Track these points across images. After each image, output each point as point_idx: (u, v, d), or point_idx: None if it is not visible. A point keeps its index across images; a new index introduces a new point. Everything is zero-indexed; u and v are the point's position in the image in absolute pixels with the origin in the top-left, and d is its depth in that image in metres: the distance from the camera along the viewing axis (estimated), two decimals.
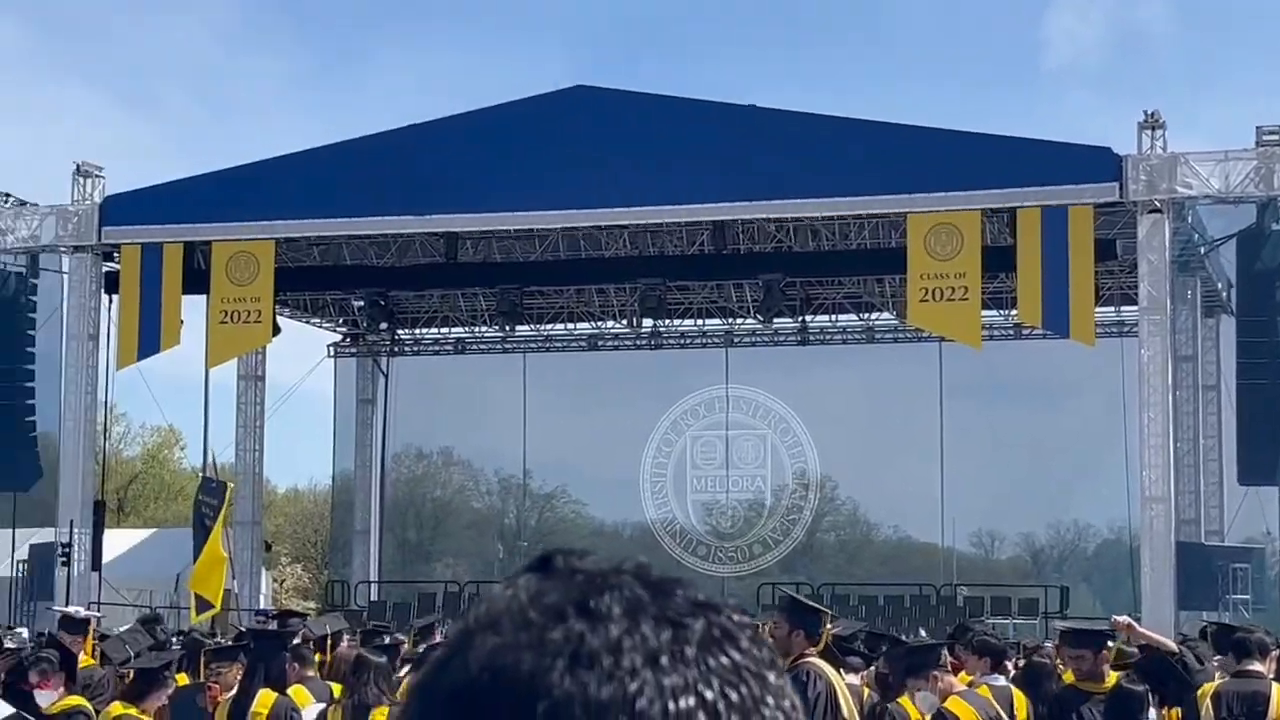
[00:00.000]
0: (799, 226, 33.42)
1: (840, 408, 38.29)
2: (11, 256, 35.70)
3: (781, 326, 38.31)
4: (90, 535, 33.74)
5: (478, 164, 31.93)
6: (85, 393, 34.50)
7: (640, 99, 32.45)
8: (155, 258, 33.52)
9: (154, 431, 66.29)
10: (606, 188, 31.24)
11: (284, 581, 56.49)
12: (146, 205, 33.98)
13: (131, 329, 33.71)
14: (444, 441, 42.78)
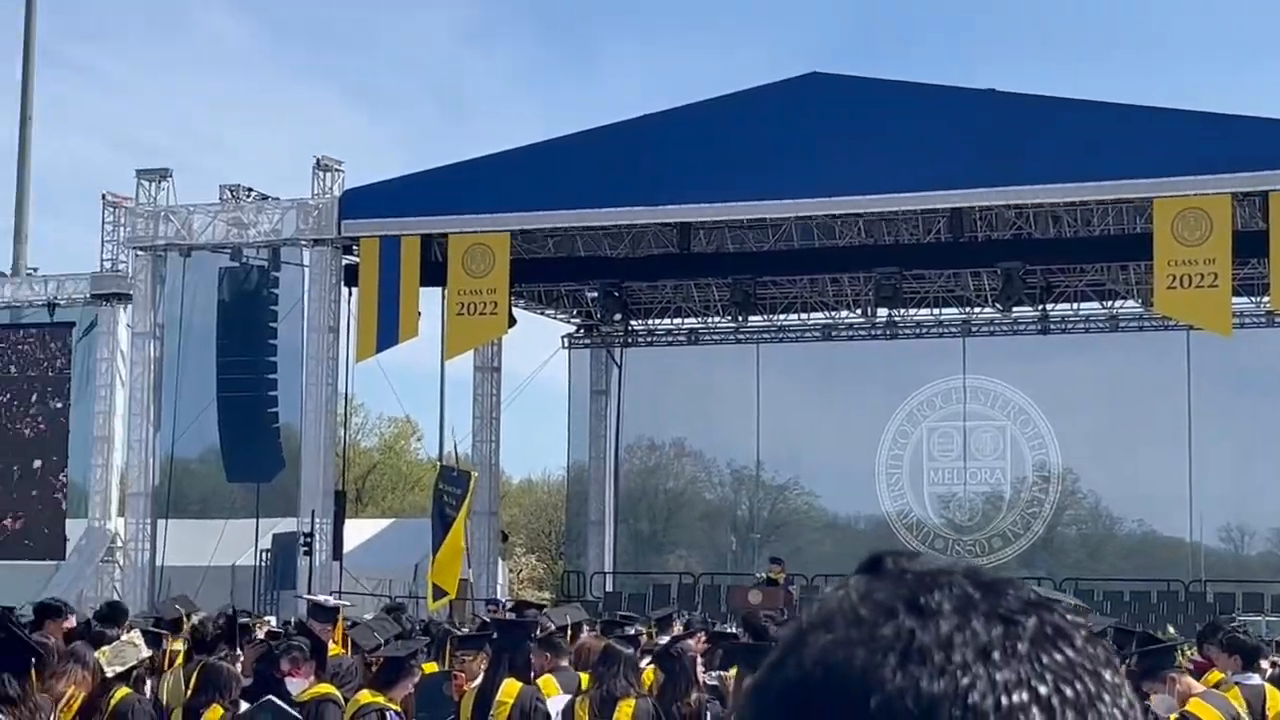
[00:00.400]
0: (1039, 212, 32.88)
1: (1082, 398, 37.60)
2: (254, 250, 36.70)
3: (1021, 315, 37.73)
4: (331, 525, 34.54)
5: (711, 154, 31.99)
6: (326, 384, 35.34)
7: (875, 85, 32.21)
8: (393, 251, 34.16)
9: (391, 422, 67.72)
10: (841, 175, 31.08)
11: (520, 572, 57.24)
12: (384, 199, 34.65)
13: (370, 321, 34.39)
14: (676, 433, 42.92)
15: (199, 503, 40.55)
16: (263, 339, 36.47)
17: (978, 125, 30.45)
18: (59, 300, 40.26)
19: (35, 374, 40.48)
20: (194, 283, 37.16)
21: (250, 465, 36.55)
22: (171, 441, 37.00)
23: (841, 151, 30.93)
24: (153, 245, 36.80)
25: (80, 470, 40.36)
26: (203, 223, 36.48)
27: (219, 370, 36.49)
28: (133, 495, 36.91)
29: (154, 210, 36.83)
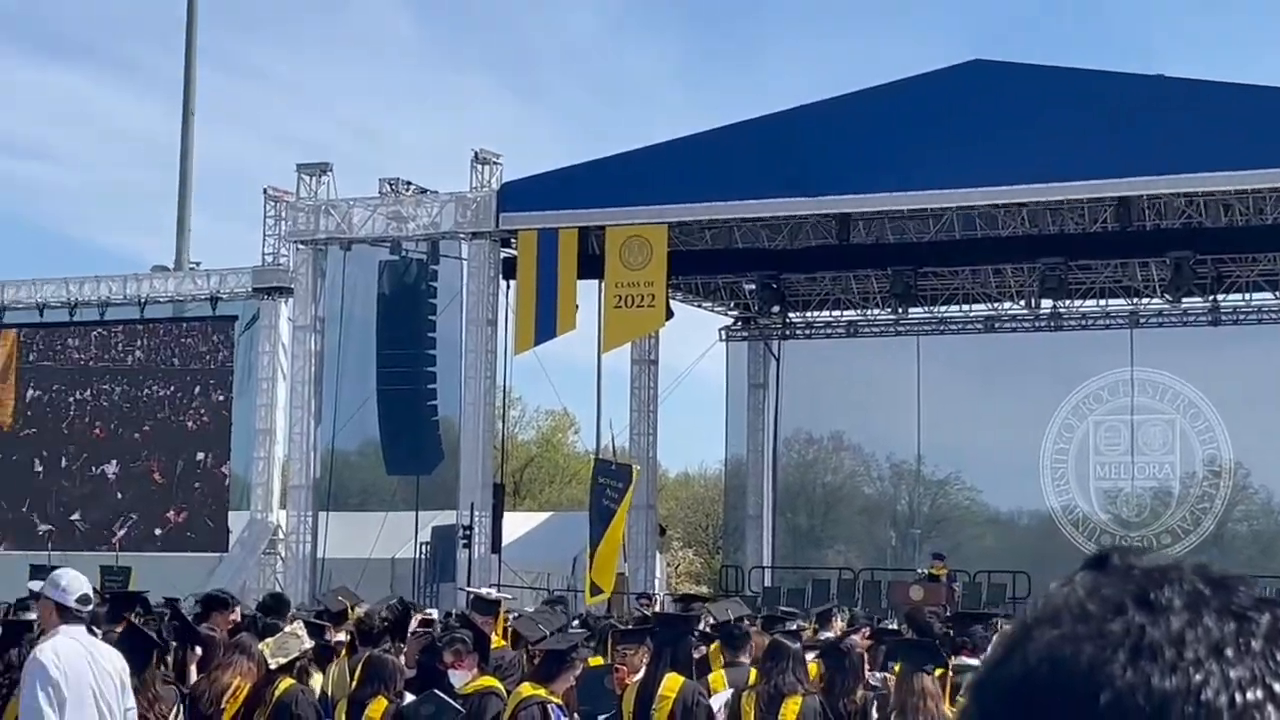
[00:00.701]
0: (1210, 201, 32.25)
1: (1255, 391, 36.80)
2: (414, 244, 37.08)
3: (1191, 306, 37.04)
4: (490, 518, 34.82)
5: (870, 143, 31.78)
6: (484, 377, 35.63)
7: (1039, 72, 31.78)
8: (551, 243, 34.33)
9: (548, 415, 68.07)
10: (1004, 164, 30.72)
11: (677, 566, 57.29)
12: (542, 191, 34.83)
13: (528, 314, 34.60)
14: (835, 426, 42.67)
15: (359, 495, 41.08)
16: (422, 332, 36.82)
17: (1146, 112, 29.94)
18: (221, 294, 40.98)
19: (198, 367, 41.26)
20: (354, 276, 37.65)
21: (410, 458, 36.94)
22: (332, 434, 37.52)
23: (1005, 140, 30.57)
24: (313, 239, 37.32)
25: (242, 463, 41.06)
26: (362, 216, 36.92)
27: (379, 363, 36.92)
28: (294, 488, 37.48)
29: (314, 204, 37.34)
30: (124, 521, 41.41)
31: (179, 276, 43.53)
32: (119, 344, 42.20)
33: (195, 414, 41.17)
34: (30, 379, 42.99)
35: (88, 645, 8.72)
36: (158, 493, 41.26)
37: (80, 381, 42.48)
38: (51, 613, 8.74)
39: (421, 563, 36.96)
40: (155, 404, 41.58)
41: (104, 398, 42.19)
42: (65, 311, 42.49)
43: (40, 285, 42.78)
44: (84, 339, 42.60)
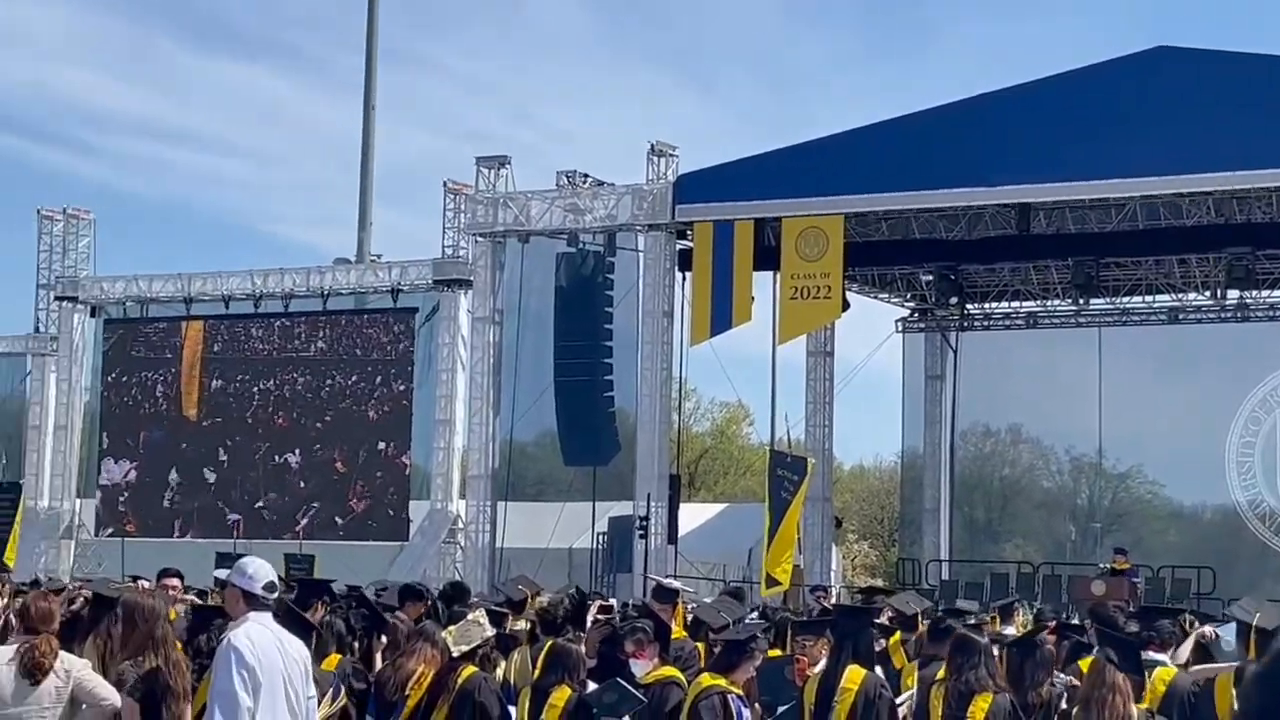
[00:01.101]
0: None
1: None
2: (590, 236, 37.24)
3: None
4: (666, 509, 34.87)
5: (1051, 132, 31.31)
6: (660, 369, 35.70)
7: (1226, 58, 31.07)
8: (726, 235, 34.29)
9: (722, 407, 68.05)
10: (1189, 152, 30.11)
11: (853, 559, 57.02)
12: (717, 183, 34.79)
13: (704, 306, 34.58)
14: (1013, 418, 42.17)
15: (536, 485, 41.37)
16: (598, 324, 36.96)
17: None
18: (402, 286, 41.51)
19: (379, 358, 41.84)
20: (532, 268, 37.90)
21: (587, 449, 37.11)
22: (510, 425, 37.83)
23: (1190, 127, 29.96)
24: (492, 232, 37.64)
25: (423, 453, 41.57)
26: (540, 209, 37.16)
27: (556, 355, 37.14)
28: (473, 478, 37.85)
29: (493, 197, 37.65)
30: (306, 510, 42.13)
31: (361, 269, 44.17)
32: (302, 335, 42.93)
33: (376, 404, 41.75)
34: (215, 369, 43.88)
35: (277, 632, 8.85)
36: (340, 482, 41.91)
37: (264, 372, 43.27)
38: (238, 600, 8.87)
39: (599, 553, 37.12)
40: (337, 394, 42.23)
41: (287, 388, 42.95)
42: (250, 303, 43.31)
43: (226, 278, 43.66)
44: (267, 330, 43.40)
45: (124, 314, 45.64)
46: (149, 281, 44.76)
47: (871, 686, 10.02)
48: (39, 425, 46.27)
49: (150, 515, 44.22)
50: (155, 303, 44.68)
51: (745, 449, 67.91)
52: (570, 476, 39.51)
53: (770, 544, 31.00)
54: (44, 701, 9.05)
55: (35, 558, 43.06)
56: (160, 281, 44.58)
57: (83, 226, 46.93)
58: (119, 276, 45.62)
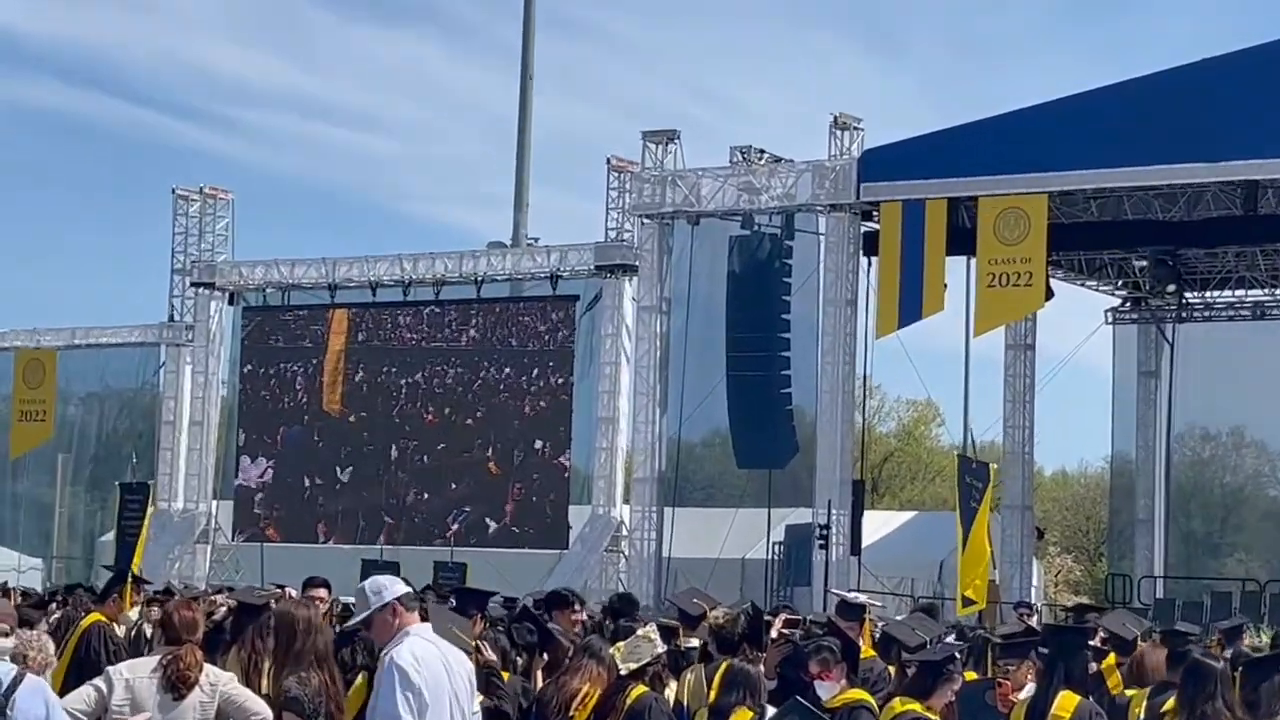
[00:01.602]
0: None
1: None
2: (767, 217, 37.16)
3: None
4: (849, 516, 34.75)
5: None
6: (843, 363, 35.56)
7: None
8: (916, 216, 34.06)
9: (910, 406, 67.62)
10: None
11: (1055, 574, 56.42)
12: (906, 159, 34.59)
13: (891, 294, 34.39)
14: (1235, 420, 41.58)
15: (706, 490, 41.42)
16: (775, 313, 36.88)
17: None
18: (562, 272, 41.75)
19: (536, 349, 42.12)
20: (702, 252, 37.92)
21: (761, 450, 37.06)
22: (678, 423, 37.88)
23: None
24: (659, 213, 37.71)
25: (583, 453, 41.78)
26: (712, 188, 37.18)
27: (728, 347, 37.12)
28: (638, 480, 37.97)
29: (661, 175, 37.73)
30: (456, 515, 42.50)
31: (517, 253, 44.52)
32: (453, 324, 43.34)
33: (533, 399, 42.02)
34: (358, 361, 44.40)
35: (441, 647, 8.88)
36: (492, 484, 42.23)
37: (411, 364, 43.70)
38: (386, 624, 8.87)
39: (774, 564, 37.08)
40: (490, 388, 42.57)
41: (436, 381, 43.38)
42: (398, 290, 43.80)
43: (373, 263, 44.19)
44: (416, 319, 43.87)
45: (264, 301, 46.39)
46: (291, 266, 45.45)
47: (1086, 715, 9.89)
48: (173, 421, 47.12)
49: (289, 518, 44.90)
50: (297, 289, 45.36)
51: (934, 452, 67.44)
52: (743, 480, 39.45)
53: (962, 559, 30.71)
54: (189, 716, 9.19)
55: (168, 564, 43.95)
56: (303, 267, 45.25)
57: (220, 207, 47.73)
58: (259, 261, 46.38)
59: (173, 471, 46.73)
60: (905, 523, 43.30)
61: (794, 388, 36.93)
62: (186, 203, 47.74)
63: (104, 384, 51.31)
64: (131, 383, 50.51)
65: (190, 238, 47.56)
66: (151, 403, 49.77)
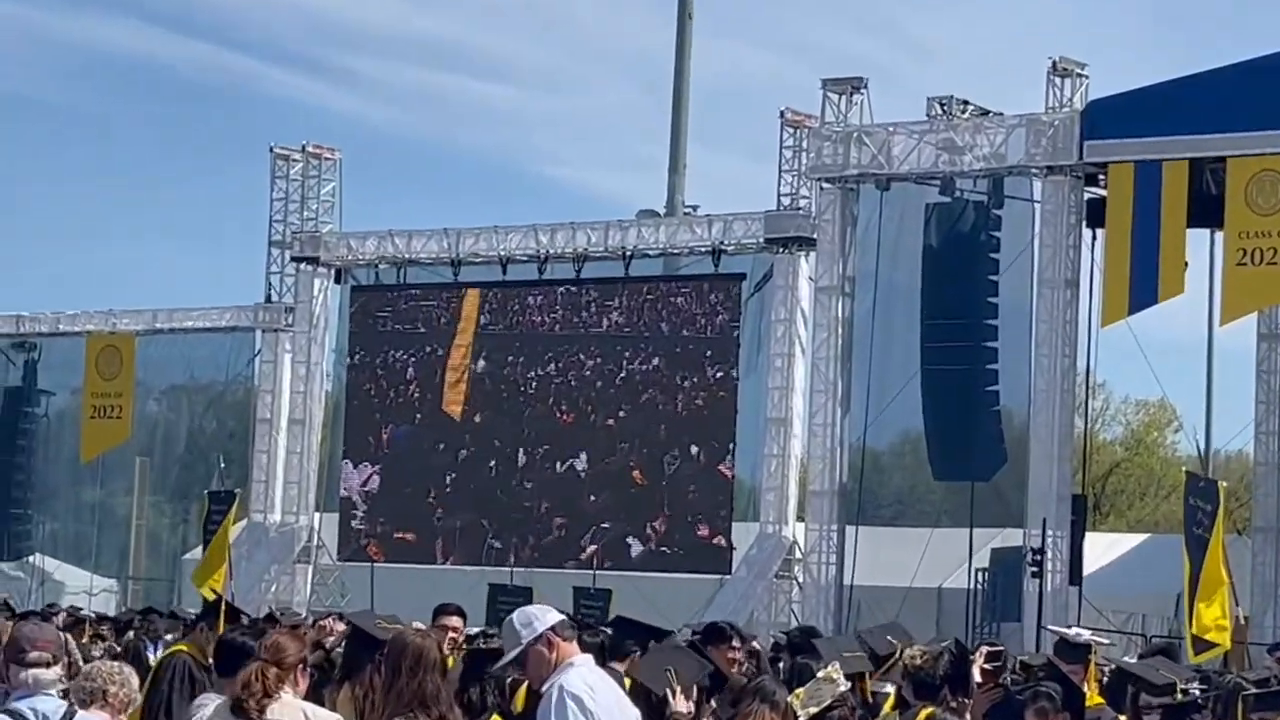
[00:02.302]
0: None
1: None
2: (970, 181, 36.95)
3: None
4: (1067, 539, 34.47)
5: None
6: (1061, 356, 35.31)
7: None
8: (1152, 180, 33.78)
9: (1140, 407, 66.96)
10: None
11: None
12: (1140, 112, 34.37)
13: (1121, 273, 34.14)
14: None
15: (895, 506, 41.27)
16: (979, 297, 36.70)
17: None
18: (725, 246, 41.74)
19: (690, 335, 42.10)
20: (894, 223, 37.80)
21: (962, 460, 36.89)
22: (863, 427, 37.78)
23: None
24: (842, 176, 37.62)
25: (749, 461, 41.76)
26: (905, 146, 37.03)
27: (924, 337, 36.98)
28: (815, 494, 37.87)
29: (844, 132, 37.63)
30: (596, 533, 42.59)
31: (672, 224, 44.58)
32: (593, 306, 43.42)
33: (688, 396, 42.03)
34: (481, 350, 44.53)
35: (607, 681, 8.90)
36: (639, 496, 42.29)
37: (543, 354, 43.79)
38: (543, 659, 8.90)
39: (977, 594, 36.89)
40: (637, 383, 42.63)
41: (572, 373, 43.48)
42: (533, 266, 43.95)
43: (504, 234, 44.38)
44: (549, 300, 43.98)
45: (376, 279, 46.75)
46: (407, 239, 45.75)
47: None
48: (270, 419, 47.49)
49: (396, 534, 45.08)
50: (415, 265, 45.64)
51: (1169, 462, 66.67)
52: (940, 495, 39.27)
53: (1193, 596, 30.38)
54: None
55: (263, 586, 44.43)
56: (421, 239, 45.54)
57: (326, 169, 48.14)
58: (370, 232, 46.74)
59: (269, 479, 47.16)
60: (1135, 547, 42.91)
61: (1001, 386, 36.74)
62: (286, 164, 48.16)
63: (189, 375, 51.95)
64: (221, 374, 51.06)
65: (291, 205, 47.99)
66: (245, 397, 50.34)
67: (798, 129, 40.69)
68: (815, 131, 38.66)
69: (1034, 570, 34.17)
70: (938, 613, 36.66)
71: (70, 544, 52.99)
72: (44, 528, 52.80)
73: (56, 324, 51.56)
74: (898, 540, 38.77)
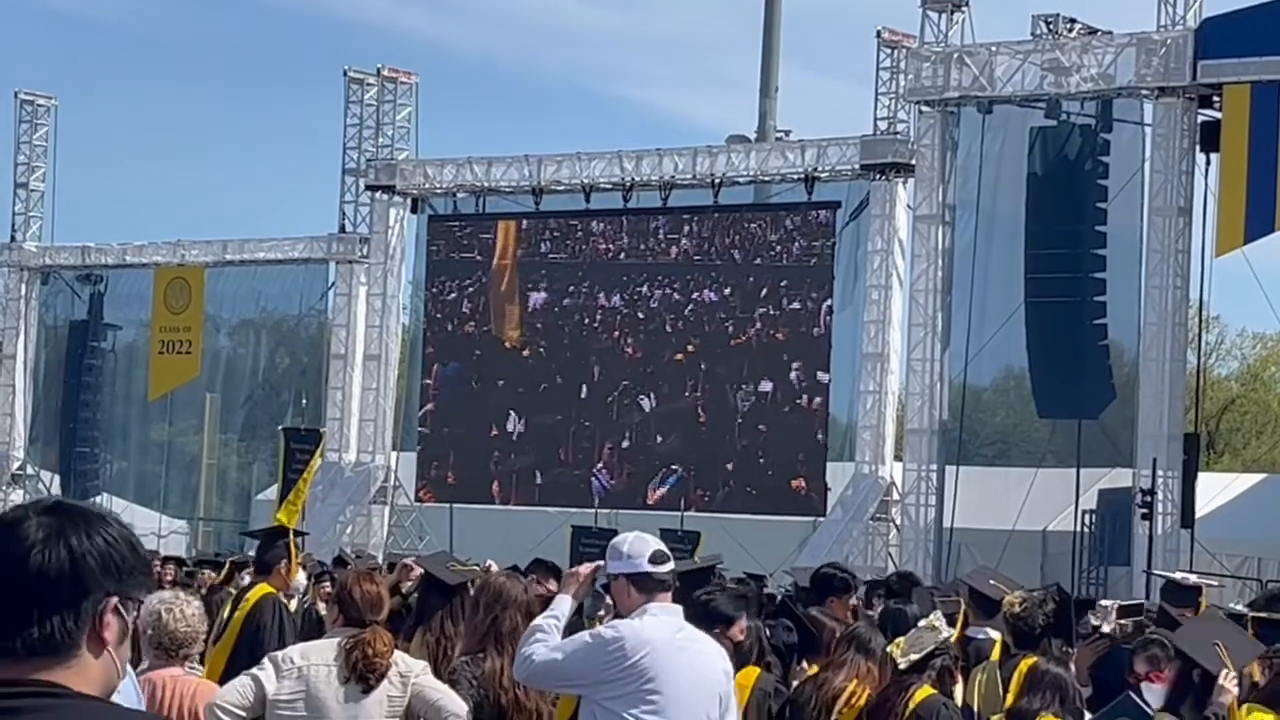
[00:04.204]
0: None
1: None
2: (1077, 104, 36.78)
3: None
4: (1179, 480, 34.40)
5: None
6: (1174, 288, 35.17)
7: None
8: (1270, 102, 33.61)
9: (1257, 341, 66.61)
10: None
11: None
12: (1258, 29, 34.19)
13: (1237, 200, 34.00)
14: None
15: (998, 445, 41.24)
16: (1088, 225, 36.57)
17: None
18: (819, 172, 41.65)
19: (786, 265, 42.03)
20: (996, 148, 37.67)
21: (1069, 397, 36.83)
22: (964, 363, 37.76)
23: None
24: (942, 98, 37.52)
25: (844, 398, 41.72)
26: (1008, 67, 36.87)
27: (1027, 268, 36.89)
28: (913, 433, 37.89)
29: (944, 52, 37.51)
30: (674, 474, 42.54)
31: (763, 150, 44.46)
32: (684, 237, 43.37)
33: (781, 329, 41.96)
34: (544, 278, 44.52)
35: (681, 633, 8.85)
36: (726, 433, 42.26)
37: (621, 283, 43.74)
38: (626, 592, 8.86)
39: (1084, 538, 36.82)
40: (726, 316, 42.52)
41: (656, 304, 43.41)
42: (617, 195, 43.93)
43: (587, 161, 44.38)
44: (638, 229, 43.94)
45: (454, 208, 46.84)
46: (486, 166, 45.83)
47: None
48: (345, 355, 47.69)
49: (454, 474, 45.24)
50: (495, 194, 45.69)
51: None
52: (1045, 434, 39.15)
53: None
54: (375, 713, 9.26)
55: (338, 527, 44.71)
56: (501, 166, 45.61)
57: (402, 93, 48.22)
58: (448, 160, 46.84)
59: (343, 416, 47.35)
60: (1251, 487, 42.68)
61: (1110, 319, 36.65)
62: (361, 88, 48.26)
63: (261, 309, 52.22)
64: (294, 308, 51.34)
65: (366, 131, 48.10)
66: (319, 332, 50.53)
67: (895, 49, 40.50)
68: (914, 52, 38.53)
69: (1144, 512, 34.10)
70: (1042, 557, 36.65)
71: (138, 484, 53.37)
72: (111, 467, 53.13)
73: (123, 255, 51.83)
74: (1000, 481, 38.74)
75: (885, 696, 10.66)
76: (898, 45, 40.33)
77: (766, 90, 49.70)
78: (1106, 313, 36.72)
